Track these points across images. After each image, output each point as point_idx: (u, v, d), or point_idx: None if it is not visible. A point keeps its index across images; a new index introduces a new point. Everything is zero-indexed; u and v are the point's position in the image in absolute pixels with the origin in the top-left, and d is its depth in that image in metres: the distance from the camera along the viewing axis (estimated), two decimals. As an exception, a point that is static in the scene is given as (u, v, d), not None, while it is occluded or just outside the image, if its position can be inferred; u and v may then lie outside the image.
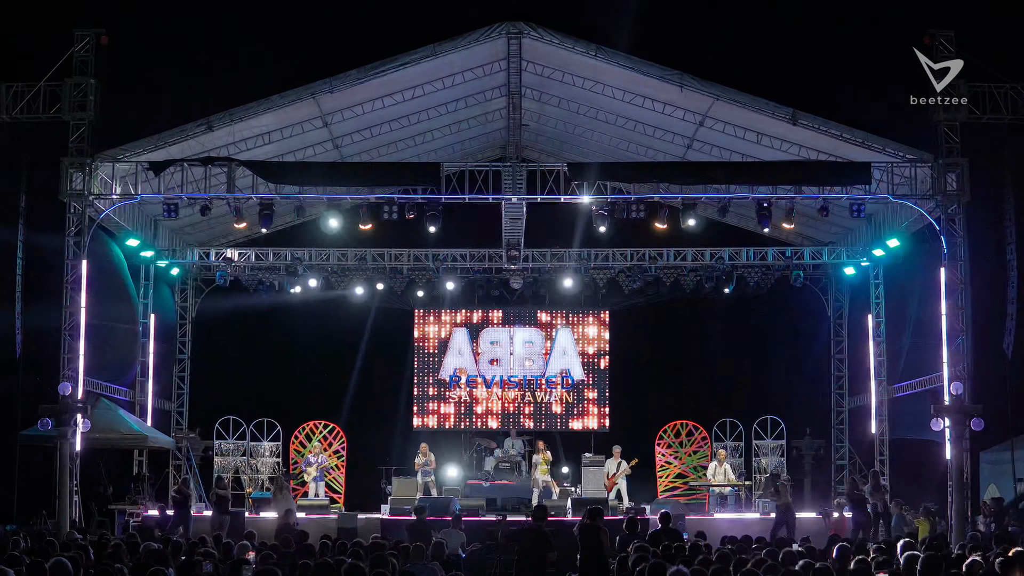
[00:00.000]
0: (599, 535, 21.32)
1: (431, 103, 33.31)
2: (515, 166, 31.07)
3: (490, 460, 35.98)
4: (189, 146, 30.85)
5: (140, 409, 35.93)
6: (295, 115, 31.84)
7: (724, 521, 31.10)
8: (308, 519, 30.40)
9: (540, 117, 35.16)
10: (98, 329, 31.43)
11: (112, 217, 31.82)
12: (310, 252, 36.71)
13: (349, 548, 18.79)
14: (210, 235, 37.57)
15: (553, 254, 37.01)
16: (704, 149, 33.83)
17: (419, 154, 35.82)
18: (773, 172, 30.46)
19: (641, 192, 31.22)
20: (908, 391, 34.14)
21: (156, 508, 31.76)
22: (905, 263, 34.59)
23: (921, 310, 32.80)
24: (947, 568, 15.07)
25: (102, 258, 32.24)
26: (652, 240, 35.23)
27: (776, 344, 38.79)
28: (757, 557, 17.00)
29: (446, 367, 39.45)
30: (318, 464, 34.81)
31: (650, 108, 32.59)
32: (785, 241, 37.02)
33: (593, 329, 39.59)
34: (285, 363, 39.15)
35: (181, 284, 38.67)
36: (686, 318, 39.13)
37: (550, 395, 39.22)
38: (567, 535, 29.09)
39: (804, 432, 37.24)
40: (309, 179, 30.85)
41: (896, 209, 32.79)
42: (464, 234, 36.33)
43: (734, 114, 31.65)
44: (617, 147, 35.37)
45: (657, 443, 37.35)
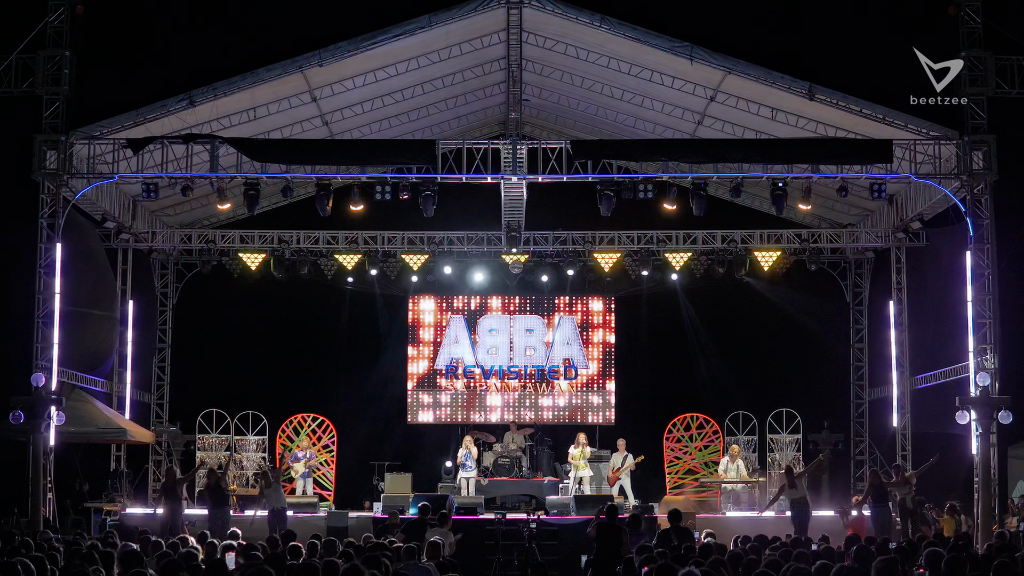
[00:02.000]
0: (620, 535, 21.34)
1: (426, 77, 33.25)
2: (515, 143, 30.95)
3: (489, 455, 35.93)
4: (169, 122, 30.73)
5: (118, 401, 35.95)
6: (282, 90, 31.76)
7: (737, 520, 31.14)
8: (296, 518, 30.39)
9: (541, 92, 35.13)
10: (73, 316, 31.39)
11: (88, 197, 31.75)
12: (298, 235, 36.67)
13: (339, 548, 18.76)
14: (192, 217, 37.54)
15: (556, 237, 36.98)
16: (716, 125, 33.80)
17: (413, 131, 35.80)
18: (789, 150, 30.37)
19: (649, 171, 31.19)
20: (932, 382, 34.11)
21: (145, 507, 31.67)
22: (929, 246, 34.60)
23: (945, 296, 32.76)
24: (972, 569, 15.04)
25: (77, 241, 32.17)
26: (660, 222, 35.20)
27: (792, 332, 38.70)
28: (771, 558, 16.96)
29: (442, 357, 39.38)
30: (306, 459, 34.77)
31: (658, 82, 32.53)
32: (801, 223, 37.00)
33: (598, 316, 39.51)
34: (271, 353, 39.10)
35: (161, 269, 38.65)
36: (696, 305, 39.09)
37: (552, 386, 39.19)
38: (569, 535, 29.24)
39: (822, 426, 37.19)
40: (297, 157, 30.80)
41: (919, 189, 32.76)
42: (461, 216, 36.30)
43: (747, 88, 31.58)
44: (623, 123, 35.33)
45: (665, 437, 37.26)
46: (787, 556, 17.00)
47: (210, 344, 38.75)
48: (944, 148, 30.29)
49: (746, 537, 21.25)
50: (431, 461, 37.12)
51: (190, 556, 16.22)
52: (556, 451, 36.81)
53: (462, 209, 35.64)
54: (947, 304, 32.56)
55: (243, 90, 31.00)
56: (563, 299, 39.43)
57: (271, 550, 18.76)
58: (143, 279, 37.91)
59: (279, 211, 37.15)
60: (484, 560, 27.87)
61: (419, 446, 38.28)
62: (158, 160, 30.42)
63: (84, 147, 30.44)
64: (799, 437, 36.77)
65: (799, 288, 38.05)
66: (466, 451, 34.49)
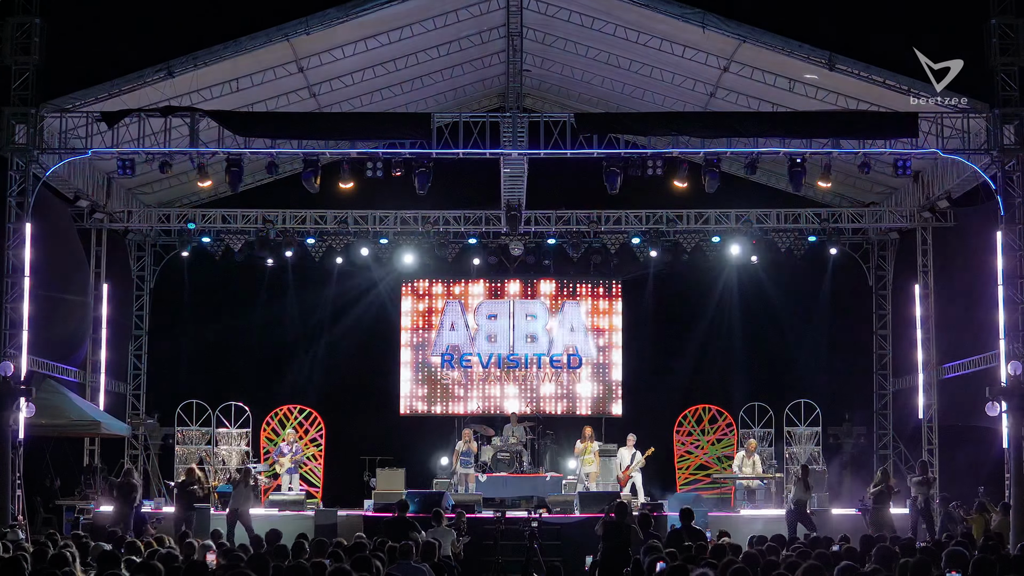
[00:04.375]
0: (628, 534, 21.34)
1: (420, 45, 33.18)
2: (515, 117, 30.92)
3: (487, 450, 35.89)
4: (147, 94, 30.66)
5: (91, 392, 35.95)
6: (266, 59, 31.67)
7: (752, 518, 31.16)
8: (281, 516, 30.41)
9: (544, 61, 35.11)
10: (44, 301, 31.36)
11: (59, 174, 31.69)
12: (284, 214, 36.62)
13: (328, 549, 18.74)
14: (170, 195, 37.52)
15: (559, 217, 36.95)
16: (729, 98, 33.74)
17: (407, 103, 35.76)
18: (807, 123, 30.32)
19: (658, 146, 31.15)
20: (960, 371, 34.09)
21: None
22: (957, 226, 34.57)
23: (975, 279, 32.73)
24: (1003, 571, 14.99)
25: (48, 221, 32.13)
26: (670, 201, 35.16)
27: (810, 318, 38.68)
28: (789, 559, 16.93)
29: (437, 345, 39.38)
30: (292, 454, 34.74)
31: (668, 51, 32.45)
32: (821, 202, 36.97)
33: (604, 302, 39.50)
34: (255, 340, 39.09)
35: (138, 250, 38.62)
36: (708, 289, 38.97)
37: (555, 376, 39.18)
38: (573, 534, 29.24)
39: (843, 418, 37.21)
40: (282, 131, 30.80)
41: (946, 165, 32.70)
42: (458, 194, 36.28)
43: (763, 58, 31.51)
44: (631, 95, 35.29)
45: (676, 430, 37.31)
46: (806, 558, 16.96)
47: (190, 331, 38.77)
48: (973, 121, 30.23)
49: (762, 537, 21.25)
50: (426, 456, 37.12)
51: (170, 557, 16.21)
52: (559, 445, 36.79)
53: (459, 187, 35.61)
54: (977, 288, 32.54)
55: (225, 60, 30.89)
56: (566, 283, 39.41)
57: (254, 550, 18.72)
58: (118, 261, 37.86)
59: (264, 189, 37.14)
60: (483, 561, 27.85)
61: (413, 440, 38.17)
62: (134, 134, 30.34)
63: (55, 120, 30.36)
64: (818, 430, 36.76)
65: (818, 271, 37.98)
66: (465, 445, 34.48)
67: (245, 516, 29.43)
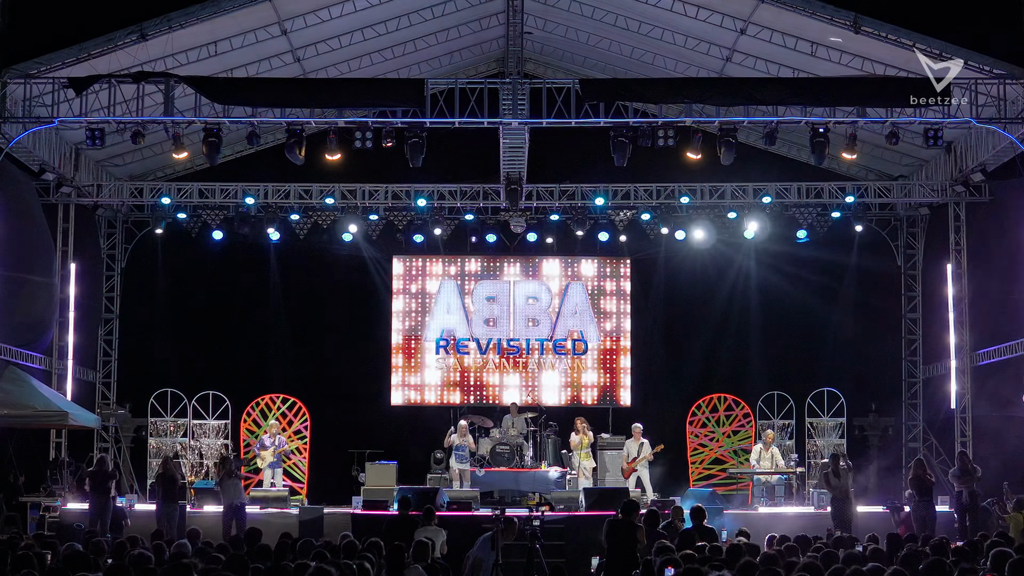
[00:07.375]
0: (635, 533, 21.35)
1: (413, 6, 33.15)
2: (515, 83, 30.91)
3: (485, 442, 35.90)
4: (118, 59, 30.64)
5: (58, 379, 36.00)
6: (247, 21, 31.65)
7: (771, 516, 31.21)
8: (263, 514, 30.45)
9: (546, 23, 35.10)
10: (6, 282, 31.43)
11: (24, 145, 31.69)
12: (266, 188, 36.61)
13: (314, 549, 18.77)
14: (143, 168, 37.54)
15: (562, 191, 36.95)
16: (747, 62, 33.76)
17: (399, 69, 35.79)
18: (831, 90, 30.28)
19: (669, 115, 31.17)
20: (995, 357, 34.14)
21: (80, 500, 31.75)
22: (992, 201, 34.58)
23: (1012, 258, 32.75)
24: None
25: (11, 195, 32.17)
26: (683, 174, 35.17)
27: (834, 300, 38.69)
28: (812, 561, 16.93)
29: (432, 328, 39.42)
30: (275, 447, 34.71)
31: (680, 12, 32.42)
32: (845, 175, 36.98)
33: (611, 283, 39.53)
34: (235, 324, 39.14)
35: (108, 227, 38.61)
36: (724, 269, 38.99)
37: (558, 363, 39.21)
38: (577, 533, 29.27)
39: (869, 408, 37.25)
40: (264, 99, 30.83)
41: (981, 135, 32.74)
42: (454, 166, 36.31)
43: (783, 19, 31.51)
44: (640, 60, 35.29)
45: (689, 422, 37.36)
46: (830, 559, 16.97)
47: (164, 314, 38.76)
48: (1010, 88, 30.26)
49: (783, 537, 21.25)
50: (419, 449, 37.09)
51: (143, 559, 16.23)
52: (562, 437, 36.80)
53: (454, 159, 35.63)
54: (1014, 267, 32.58)
55: (202, 21, 30.89)
56: (571, 262, 39.42)
57: (232, 551, 18.73)
58: (87, 239, 37.88)
59: (244, 161, 37.12)
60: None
61: (405, 432, 38.20)
62: (104, 102, 30.29)
63: (19, 87, 30.38)
64: (842, 421, 36.80)
65: (843, 250, 37.98)
66: (462, 438, 34.50)
67: (242, 511, 29.45)
